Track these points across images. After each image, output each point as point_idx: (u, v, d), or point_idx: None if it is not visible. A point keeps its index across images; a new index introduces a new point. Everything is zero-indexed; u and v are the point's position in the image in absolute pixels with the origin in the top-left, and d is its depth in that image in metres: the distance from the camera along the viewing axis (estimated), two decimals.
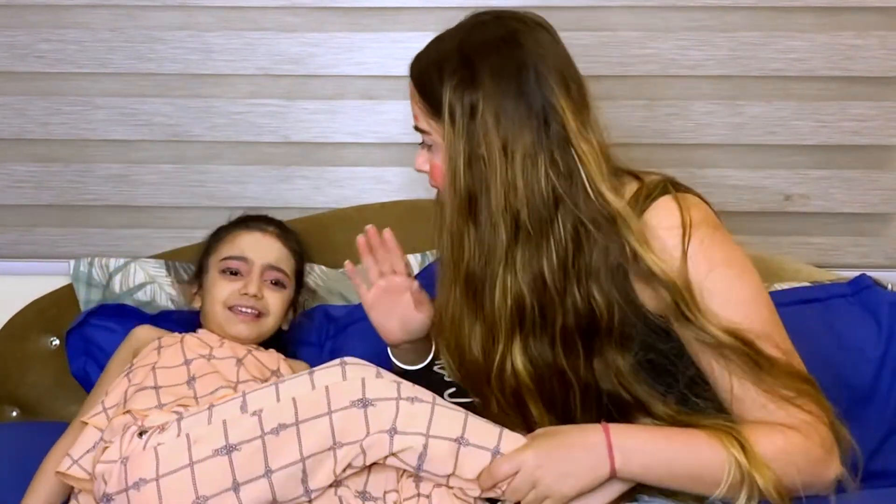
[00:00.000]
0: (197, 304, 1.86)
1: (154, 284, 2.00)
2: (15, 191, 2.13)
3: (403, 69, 2.04)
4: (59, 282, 2.07)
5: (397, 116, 2.08)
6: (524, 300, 1.43)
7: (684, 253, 1.40)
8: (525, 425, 1.48)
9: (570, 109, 1.41)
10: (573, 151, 1.41)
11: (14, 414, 2.06)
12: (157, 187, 2.13)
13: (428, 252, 1.99)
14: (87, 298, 2.01)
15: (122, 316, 1.92)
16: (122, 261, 2.02)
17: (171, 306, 1.98)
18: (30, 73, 2.09)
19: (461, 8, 2.01)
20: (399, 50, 2.06)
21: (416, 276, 1.94)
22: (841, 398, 1.80)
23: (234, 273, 1.80)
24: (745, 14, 2.04)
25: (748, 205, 2.10)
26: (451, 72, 1.42)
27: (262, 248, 1.83)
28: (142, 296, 1.99)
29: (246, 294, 1.78)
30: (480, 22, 1.48)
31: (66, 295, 2.04)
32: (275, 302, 1.81)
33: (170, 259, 2.04)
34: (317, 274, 2.01)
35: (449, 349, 1.58)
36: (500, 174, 1.41)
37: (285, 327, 1.86)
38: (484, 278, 1.45)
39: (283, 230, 1.89)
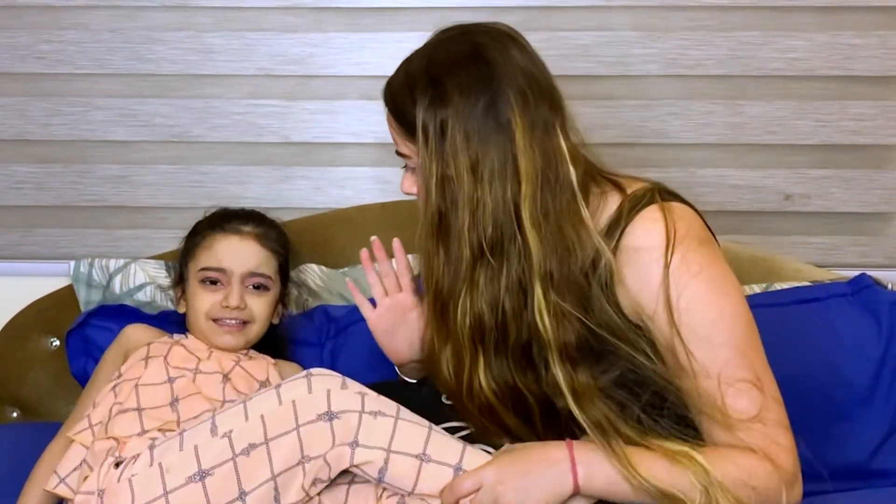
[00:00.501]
0: (182, 309, 1.82)
1: (154, 285, 2.00)
2: (15, 192, 2.13)
3: None
4: (60, 283, 2.07)
5: None
6: (484, 320, 1.42)
7: (666, 266, 1.38)
8: (509, 438, 1.47)
9: (524, 124, 1.38)
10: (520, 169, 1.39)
11: (14, 415, 2.06)
12: (157, 188, 2.13)
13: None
14: (88, 299, 2.01)
15: (122, 316, 1.92)
16: (122, 261, 2.02)
17: (171, 307, 1.98)
18: (30, 74, 2.09)
19: (460, 8, 2.04)
20: (399, 50, 2.02)
21: (415, 277, 1.95)
22: (841, 398, 1.81)
23: (214, 283, 1.76)
24: (745, 14, 2.04)
25: (748, 204, 2.10)
26: (422, 91, 1.41)
27: (240, 255, 1.77)
28: (142, 296, 1.99)
29: (227, 307, 1.74)
30: (447, 38, 1.46)
31: (66, 296, 2.04)
32: (259, 307, 1.77)
33: (170, 260, 2.03)
34: (317, 274, 2.01)
35: (427, 367, 1.58)
36: (468, 193, 1.39)
37: (276, 321, 1.84)
38: (450, 298, 1.43)
39: (261, 227, 1.82)
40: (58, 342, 2.04)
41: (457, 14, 2.04)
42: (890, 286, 1.92)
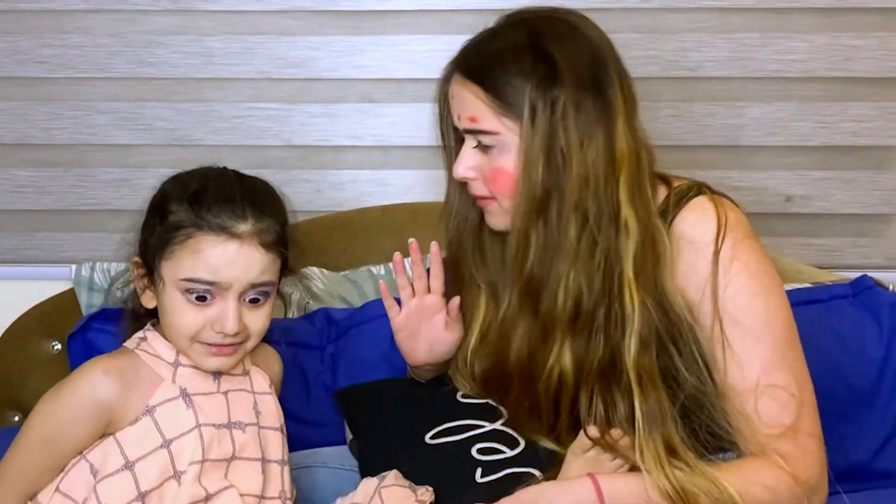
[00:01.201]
0: (149, 304, 1.42)
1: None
2: (16, 196, 2.13)
3: (404, 72, 2.07)
4: (61, 286, 2.07)
5: (398, 119, 2.08)
6: (582, 300, 1.42)
7: (716, 252, 1.41)
8: (547, 429, 1.47)
9: (622, 103, 1.42)
10: (627, 154, 1.41)
11: (16, 419, 2.06)
12: None
13: (427, 255, 1.99)
14: (89, 303, 2.01)
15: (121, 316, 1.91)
16: (123, 265, 2.02)
17: None
18: (31, 78, 2.09)
19: (462, 11, 2.04)
20: (399, 53, 2.07)
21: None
22: (843, 399, 1.81)
23: (203, 298, 1.36)
24: (745, 15, 2.04)
25: (749, 206, 2.08)
26: (531, 67, 1.39)
27: (238, 267, 1.36)
28: None
29: (222, 333, 1.37)
30: (540, 16, 1.46)
31: (67, 299, 2.04)
32: (259, 321, 1.40)
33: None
34: (318, 277, 2.01)
35: (478, 354, 1.56)
36: (577, 170, 1.39)
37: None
38: (546, 278, 1.42)
39: (262, 220, 1.39)
40: (59, 346, 2.04)
41: (458, 17, 2.05)
42: (891, 287, 1.93)
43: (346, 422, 1.75)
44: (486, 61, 1.43)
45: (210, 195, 1.39)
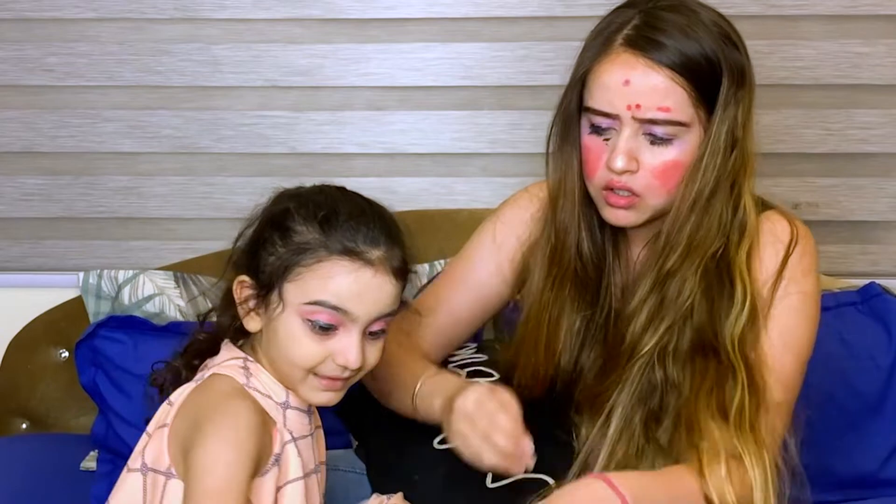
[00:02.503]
0: (252, 328, 1.31)
1: (163, 296, 2.00)
2: (24, 203, 2.14)
3: (410, 80, 2.07)
4: (69, 294, 2.07)
5: (404, 127, 2.09)
6: (702, 287, 1.44)
7: (787, 257, 1.44)
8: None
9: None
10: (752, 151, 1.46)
11: (24, 426, 2.06)
12: (166, 199, 2.13)
13: (436, 262, 1.99)
14: (97, 310, 2.01)
15: (131, 327, 1.92)
16: (130, 272, 2.02)
17: (179, 318, 1.98)
18: (38, 86, 2.10)
19: (466, 19, 2.04)
20: (405, 61, 2.07)
21: (422, 288, 1.95)
22: (851, 407, 1.81)
23: (327, 329, 1.26)
24: (752, 22, 2.03)
25: None
26: (727, 60, 1.41)
27: (371, 296, 1.27)
28: (150, 307, 1.99)
29: (345, 367, 1.27)
30: (717, 13, 1.45)
31: (75, 307, 2.05)
32: (375, 353, 1.30)
33: (178, 270, 2.04)
34: None
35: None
36: (738, 163, 1.42)
37: None
38: (680, 275, 1.43)
39: (394, 245, 1.30)
40: (67, 353, 2.05)
41: (463, 24, 2.06)
42: None
43: (349, 426, 1.74)
44: (682, 46, 1.39)
45: (342, 217, 1.28)
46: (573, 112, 1.44)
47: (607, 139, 1.41)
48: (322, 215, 1.28)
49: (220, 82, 2.08)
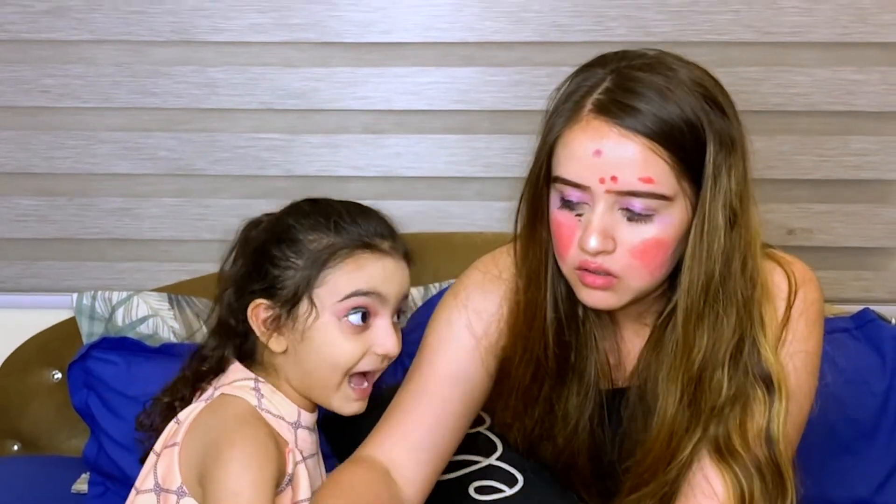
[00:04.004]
0: (278, 348, 1.33)
1: (157, 318, 1.99)
2: (18, 224, 2.14)
3: (406, 103, 2.08)
4: (62, 315, 2.07)
5: (400, 150, 2.09)
6: (737, 388, 1.30)
7: (788, 307, 1.34)
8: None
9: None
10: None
11: (15, 448, 2.05)
12: (161, 221, 2.13)
13: (431, 285, 1.99)
14: (90, 331, 2.01)
15: (123, 349, 1.91)
16: (124, 294, 2.02)
17: (173, 339, 1.98)
18: (34, 107, 2.10)
19: (463, 43, 2.05)
20: (401, 84, 2.07)
21: (418, 310, 1.94)
22: (846, 433, 1.80)
23: (364, 319, 1.31)
24: (746, 49, 2.05)
25: None
26: (710, 123, 1.26)
27: (396, 279, 1.34)
28: (144, 329, 1.99)
29: (385, 355, 1.33)
30: (703, 70, 1.33)
31: (68, 328, 2.04)
32: (400, 341, 1.37)
33: (172, 292, 2.03)
34: None
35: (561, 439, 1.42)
36: (743, 238, 1.28)
37: None
38: (715, 368, 1.29)
39: (395, 234, 1.40)
40: (59, 375, 2.04)
41: (459, 49, 2.06)
42: (893, 321, 1.92)
43: (337, 453, 1.73)
44: (660, 112, 1.24)
45: (347, 218, 1.35)
46: (542, 182, 1.31)
47: (579, 215, 1.27)
48: (332, 220, 1.34)
49: (216, 105, 2.09)
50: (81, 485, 1.89)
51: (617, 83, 1.26)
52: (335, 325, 1.31)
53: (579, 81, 1.30)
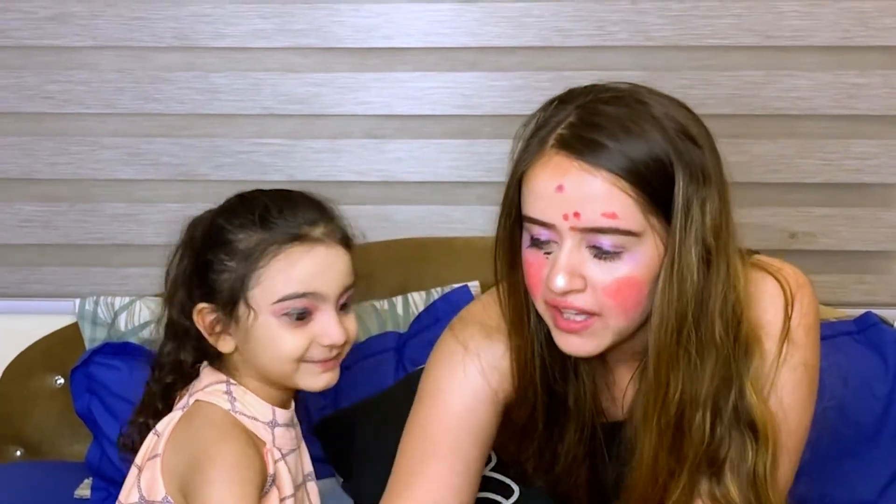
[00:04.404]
0: (226, 349, 1.33)
1: (159, 323, 1.99)
2: (22, 230, 2.14)
3: (408, 108, 2.08)
4: (65, 320, 2.07)
5: (401, 155, 2.09)
6: (717, 430, 1.27)
7: (787, 318, 1.31)
8: None
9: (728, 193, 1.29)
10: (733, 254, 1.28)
11: (18, 453, 2.05)
12: (163, 226, 2.12)
13: (433, 290, 1.99)
14: (93, 337, 2.01)
15: (126, 354, 1.92)
16: (127, 299, 2.03)
17: None
18: (37, 113, 2.10)
19: (464, 49, 2.05)
20: (403, 90, 2.08)
21: (420, 315, 1.95)
22: (848, 436, 1.80)
23: (302, 316, 1.30)
24: (748, 53, 2.05)
25: (753, 243, 2.07)
26: (681, 162, 1.21)
27: (332, 270, 1.31)
28: (147, 334, 1.99)
29: (331, 346, 1.31)
30: (678, 102, 1.28)
31: (71, 333, 2.04)
32: (352, 324, 1.34)
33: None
34: None
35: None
36: (721, 276, 1.23)
37: None
38: (695, 409, 1.26)
39: (332, 219, 1.36)
40: (62, 380, 2.04)
41: (460, 54, 2.07)
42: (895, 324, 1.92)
43: (333, 464, 1.73)
44: (623, 145, 1.20)
45: (274, 210, 1.31)
46: (514, 222, 1.29)
47: (548, 253, 1.24)
48: (258, 216, 1.31)
49: (218, 110, 2.09)
50: (84, 490, 1.89)
51: (581, 118, 1.22)
52: (275, 322, 1.29)
53: (546, 117, 1.26)
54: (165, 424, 1.33)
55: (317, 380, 1.32)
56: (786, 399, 1.32)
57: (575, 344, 1.26)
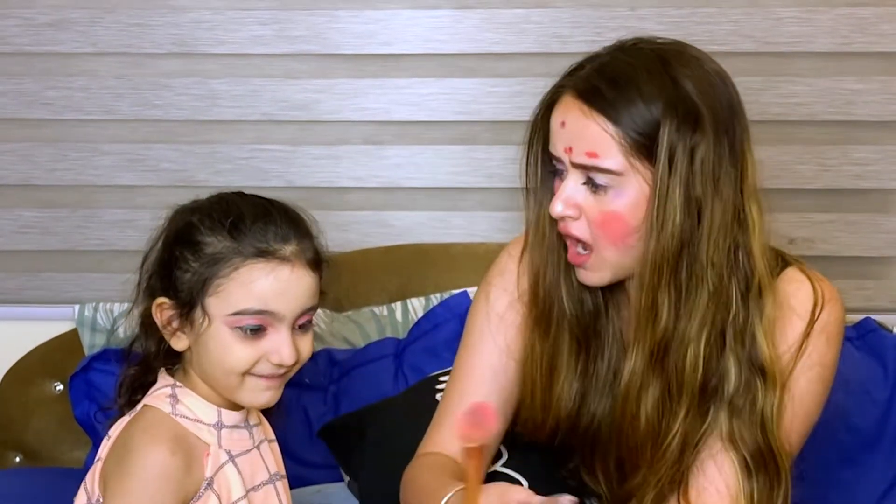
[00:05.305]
0: (179, 346, 1.30)
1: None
2: (21, 236, 2.14)
3: (406, 114, 2.09)
4: (64, 327, 2.07)
5: (400, 161, 2.09)
6: (711, 364, 1.33)
7: (809, 327, 1.36)
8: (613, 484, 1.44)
9: (752, 158, 1.34)
10: (750, 209, 1.33)
11: (17, 459, 2.05)
12: None
13: (432, 296, 1.99)
14: (92, 343, 2.01)
15: (125, 360, 1.91)
16: (126, 305, 2.01)
17: None
18: (36, 119, 2.10)
19: (462, 55, 2.06)
20: (402, 96, 2.08)
21: (419, 321, 1.95)
22: (847, 442, 1.80)
23: (256, 331, 1.26)
24: (747, 59, 2.05)
25: None
26: (670, 105, 1.28)
27: (292, 293, 1.27)
28: None
29: (280, 365, 1.27)
30: (668, 49, 1.34)
31: (70, 340, 2.04)
32: (307, 345, 1.30)
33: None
34: (320, 317, 2.01)
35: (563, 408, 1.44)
36: (713, 223, 1.29)
37: None
38: (679, 342, 1.32)
39: (304, 239, 1.31)
40: (62, 386, 2.04)
41: (460, 61, 2.07)
42: (895, 330, 1.92)
43: (339, 461, 1.73)
44: (617, 91, 1.29)
45: (248, 220, 1.27)
46: (543, 148, 1.39)
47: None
48: (229, 222, 1.27)
49: (217, 116, 2.09)
50: None
51: (600, 64, 1.33)
52: (228, 333, 1.26)
53: (583, 61, 1.37)
54: (115, 428, 1.32)
55: (258, 396, 1.28)
56: (796, 393, 1.36)
57: (582, 275, 1.37)
